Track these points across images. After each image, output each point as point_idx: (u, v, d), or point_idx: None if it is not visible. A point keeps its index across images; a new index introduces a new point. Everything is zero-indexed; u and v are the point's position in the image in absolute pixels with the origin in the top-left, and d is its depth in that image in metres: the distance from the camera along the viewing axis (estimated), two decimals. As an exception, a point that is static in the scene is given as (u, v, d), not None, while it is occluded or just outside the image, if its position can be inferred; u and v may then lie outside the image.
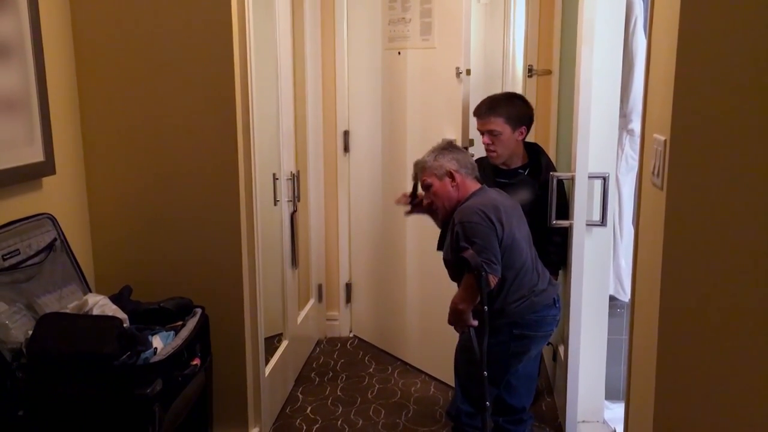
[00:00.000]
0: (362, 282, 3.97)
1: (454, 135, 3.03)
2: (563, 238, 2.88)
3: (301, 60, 3.62)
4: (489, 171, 2.92)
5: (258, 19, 2.67)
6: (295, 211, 3.36)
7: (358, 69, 3.79)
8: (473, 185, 2.48)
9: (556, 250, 2.89)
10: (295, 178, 3.35)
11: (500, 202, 2.42)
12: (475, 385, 2.41)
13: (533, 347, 2.49)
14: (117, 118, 2.51)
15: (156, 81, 2.47)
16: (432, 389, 3.35)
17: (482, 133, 2.87)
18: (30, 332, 1.89)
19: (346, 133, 3.88)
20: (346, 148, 3.90)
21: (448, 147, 2.53)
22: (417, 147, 3.29)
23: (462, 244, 2.31)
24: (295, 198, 3.36)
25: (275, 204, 3.17)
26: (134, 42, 2.46)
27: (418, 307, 3.61)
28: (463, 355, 2.50)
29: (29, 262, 2.08)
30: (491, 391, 2.41)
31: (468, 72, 3.01)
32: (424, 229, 3.25)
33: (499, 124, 2.82)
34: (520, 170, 2.93)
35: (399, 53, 3.47)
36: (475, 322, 2.32)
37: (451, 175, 2.45)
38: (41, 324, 1.89)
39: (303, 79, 3.64)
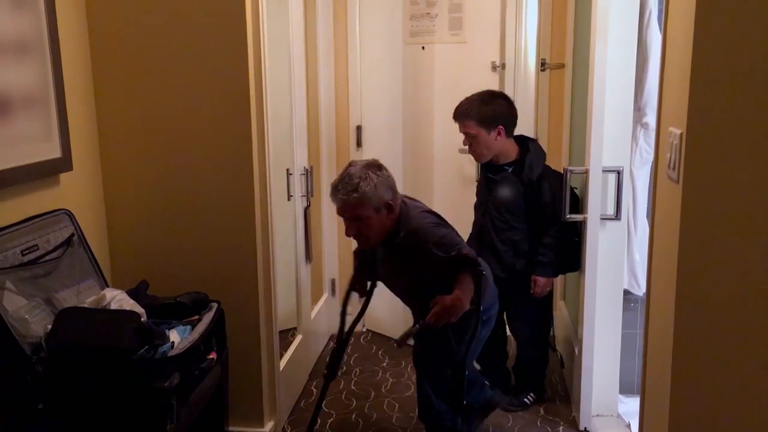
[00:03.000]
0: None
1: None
2: (556, 239, 2.88)
3: (313, 55, 3.62)
4: (482, 164, 3.02)
5: (271, 15, 2.68)
6: (308, 206, 3.37)
7: (371, 64, 3.79)
8: (396, 204, 2.39)
9: (545, 252, 2.89)
10: (309, 174, 3.36)
11: (422, 204, 2.52)
12: (451, 383, 2.44)
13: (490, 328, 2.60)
14: (132, 114, 2.53)
15: (171, 78, 2.49)
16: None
17: (464, 135, 2.90)
18: (49, 326, 1.92)
19: (358, 128, 3.89)
20: (359, 143, 3.90)
21: (379, 169, 2.34)
22: (445, 139, 3.37)
23: (449, 256, 2.31)
24: (309, 193, 3.37)
25: (289, 199, 3.18)
26: (149, 38, 2.47)
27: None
28: (436, 355, 2.49)
29: (48, 258, 2.11)
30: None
31: (503, 66, 3.18)
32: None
33: (472, 127, 2.83)
34: (506, 167, 2.91)
35: (423, 48, 3.49)
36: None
37: (388, 207, 2.33)
38: (60, 318, 1.91)
39: (316, 74, 3.65)
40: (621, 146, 2.75)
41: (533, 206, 2.88)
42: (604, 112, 2.63)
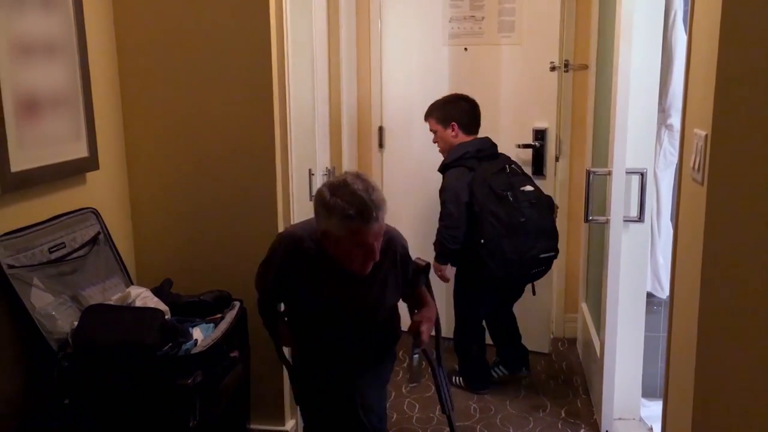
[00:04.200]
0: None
1: (547, 125, 3.45)
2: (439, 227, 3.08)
3: (336, 55, 3.64)
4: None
5: (294, 15, 2.70)
6: (330, 206, 3.38)
7: (393, 65, 3.80)
8: None
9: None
10: (331, 174, 3.37)
11: None
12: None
13: None
14: (157, 115, 2.56)
15: (195, 79, 2.52)
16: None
17: None
18: (75, 323, 1.95)
19: (380, 129, 3.90)
20: (381, 144, 3.91)
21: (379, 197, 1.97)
22: (498, 140, 3.35)
23: (415, 261, 2.22)
24: (331, 193, 3.37)
25: (311, 199, 3.19)
26: (174, 40, 2.50)
27: (449, 305, 3.61)
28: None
29: (74, 255, 2.14)
30: None
31: (566, 64, 3.42)
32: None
33: (432, 124, 3.17)
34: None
35: (465, 49, 3.58)
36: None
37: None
38: (86, 315, 1.94)
39: (338, 74, 3.66)
40: (645, 148, 2.72)
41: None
42: (627, 113, 2.61)
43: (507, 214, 2.91)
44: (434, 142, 3.21)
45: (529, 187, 3.00)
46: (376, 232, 1.93)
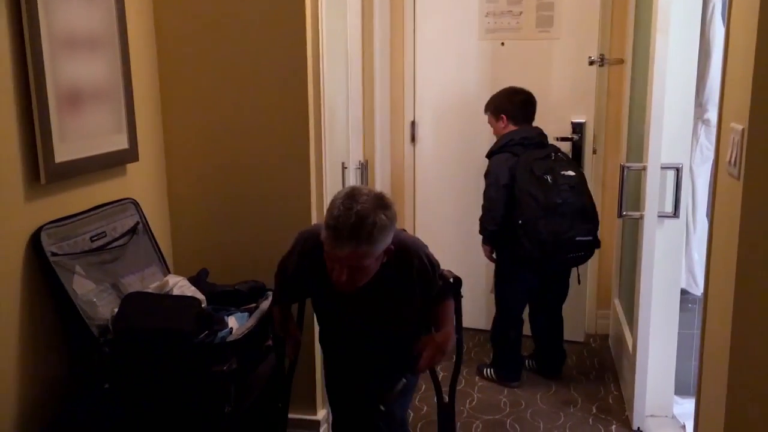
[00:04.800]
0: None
1: (585, 118, 3.54)
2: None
3: (369, 49, 3.66)
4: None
5: (329, 9, 2.72)
6: (362, 199, 3.41)
7: (427, 59, 3.81)
8: None
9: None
10: (364, 168, 3.40)
11: None
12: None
13: None
14: (195, 108, 2.61)
15: (232, 73, 2.56)
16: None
17: None
18: (115, 310, 2.01)
19: (413, 124, 3.91)
20: (413, 139, 3.93)
21: (388, 208, 1.84)
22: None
23: (435, 274, 2.04)
24: (364, 186, 3.41)
25: (344, 192, 3.22)
26: (212, 35, 2.54)
27: (485, 296, 3.62)
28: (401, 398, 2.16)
29: (114, 244, 2.20)
30: None
31: (601, 59, 3.49)
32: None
33: (488, 116, 3.28)
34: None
35: (502, 44, 3.64)
36: None
37: (387, 251, 1.89)
38: (126, 302, 2.00)
39: (371, 69, 3.68)
40: (681, 143, 2.70)
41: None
42: (663, 108, 2.59)
43: (545, 195, 2.94)
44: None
45: (570, 172, 3.03)
46: (348, 256, 1.78)
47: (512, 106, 3.19)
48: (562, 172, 3.00)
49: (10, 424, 1.87)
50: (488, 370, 3.37)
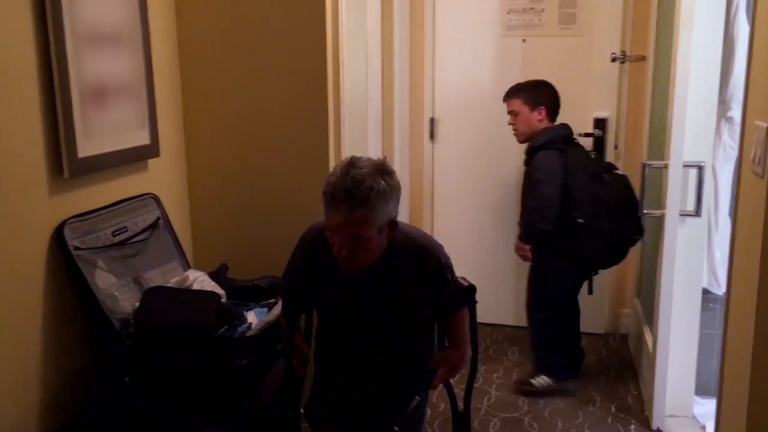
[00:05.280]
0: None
1: (608, 114, 3.58)
2: (529, 207, 3.01)
3: (389, 46, 3.66)
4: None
5: (348, 5, 2.73)
6: (381, 196, 3.41)
7: (447, 56, 3.80)
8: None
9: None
10: (382, 164, 3.40)
11: None
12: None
13: None
14: (215, 105, 2.63)
15: (252, 70, 2.57)
16: (514, 376, 3.35)
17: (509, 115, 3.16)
18: (136, 304, 2.03)
19: (432, 121, 3.91)
20: (432, 136, 3.92)
21: (390, 174, 1.73)
22: None
23: (449, 277, 1.90)
24: (382, 183, 3.41)
25: (363, 189, 3.23)
26: (232, 31, 2.56)
27: (503, 294, 3.61)
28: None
29: (136, 239, 2.23)
30: None
31: (623, 55, 3.50)
32: (511, 216, 3.25)
33: (517, 105, 3.09)
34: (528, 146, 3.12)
35: (524, 41, 3.65)
36: None
37: (392, 224, 1.78)
38: (147, 296, 2.02)
39: (391, 64, 3.68)
40: (704, 141, 2.67)
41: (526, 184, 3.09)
42: (686, 105, 2.56)
43: (606, 194, 2.92)
44: (511, 124, 3.15)
45: (620, 171, 3.05)
46: (341, 226, 1.68)
47: (549, 100, 3.10)
48: (615, 171, 3.01)
49: (35, 414, 1.90)
50: (539, 377, 3.14)
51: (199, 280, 2.19)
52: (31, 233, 1.88)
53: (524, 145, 3.15)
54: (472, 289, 1.93)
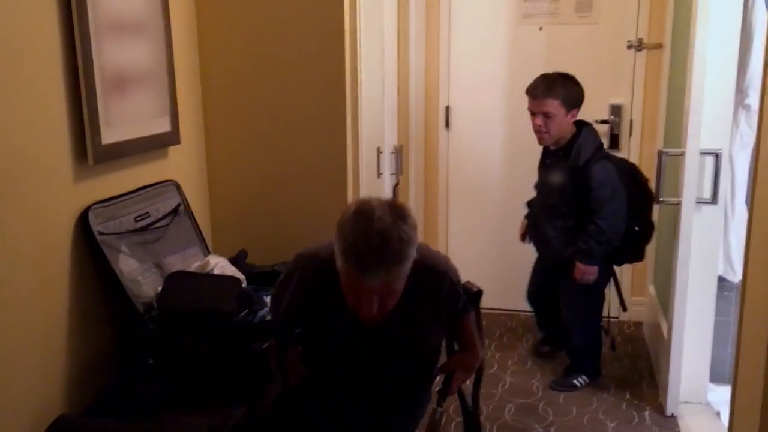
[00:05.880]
0: (461, 252, 4.02)
1: (623, 101, 3.62)
2: (599, 227, 2.80)
3: (404, 34, 3.66)
4: (542, 153, 3.04)
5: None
6: (397, 183, 3.44)
7: (462, 44, 3.81)
8: None
9: (584, 239, 2.83)
10: (398, 152, 3.42)
11: None
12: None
13: None
14: (233, 94, 2.66)
15: (271, 59, 2.60)
16: (529, 363, 3.38)
17: (534, 114, 2.87)
18: (159, 288, 2.07)
19: (447, 109, 3.92)
20: (447, 124, 3.93)
21: (408, 217, 1.58)
22: None
23: (461, 291, 1.86)
24: (398, 171, 3.43)
25: (378, 177, 3.25)
26: (251, 20, 2.58)
27: (519, 281, 3.62)
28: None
29: (157, 225, 2.27)
30: None
31: (639, 42, 3.52)
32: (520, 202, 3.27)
33: (554, 106, 2.81)
34: (559, 152, 2.91)
35: (540, 29, 3.65)
36: None
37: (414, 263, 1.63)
38: (170, 281, 2.06)
39: (406, 53, 3.69)
40: (721, 128, 2.67)
41: (581, 192, 2.81)
42: (703, 93, 2.56)
43: (648, 199, 2.91)
44: (540, 125, 2.84)
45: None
46: (375, 288, 1.56)
47: (581, 99, 2.88)
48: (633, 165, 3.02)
49: (61, 395, 1.95)
50: (579, 379, 3.09)
51: (220, 266, 2.23)
52: (58, 219, 1.93)
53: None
54: (479, 293, 1.89)
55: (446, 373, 1.86)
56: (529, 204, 3.18)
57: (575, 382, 3.11)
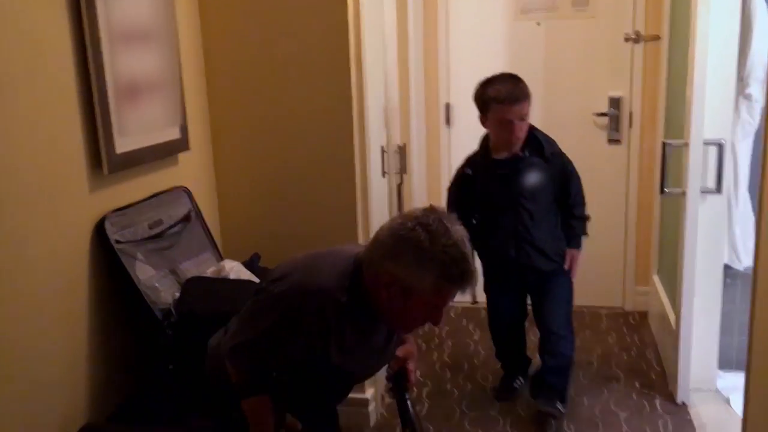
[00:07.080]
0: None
1: (622, 93, 3.67)
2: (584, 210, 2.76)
3: (403, 32, 3.68)
4: (488, 170, 2.80)
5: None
6: (401, 182, 3.46)
7: (460, 40, 3.83)
8: None
9: (578, 224, 2.77)
10: (402, 151, 3.44)
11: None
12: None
13: None
14: (240, 98, 2.67)
15: (276, 62, 2.60)
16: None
17: (511, 121, 2.59)
18: (176, 294, 2.08)
19: (447, 106, 3.94)
20: (448, 121, 3.95)
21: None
22: (572, 112, 3.68)
23: None
24: (402, 170, 3.45)
25: (383, 176, 3.27)
26: (255, 24, 2.59)
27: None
28: None
29: (171, 231, 2.28)
30: None
31: (637, 34, 3.56)
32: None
33: (528, 106, 2.63)
34: (522, 154, 2.67)
35: (538, 24, 3.69)
36: None
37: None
38: (187, 286, 2.08)
39: (405, 51, 3.70)
40: (723, 118, 2.70)
41: (559, 182, 2.68)
42: (705, 83, 2.59)
43: None
44: (517, 132, 2.62)
45: None
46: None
47: None
48: None
49: (84, 405, 1.96)
50: (560, 405, 2.78)
51: (235, 270, 2.24)
52: (75, 228, 1.94)
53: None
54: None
55: (400, 368, 1.91)
56: (486, 236, 2.74)
57: (561, 408, 2.76)
